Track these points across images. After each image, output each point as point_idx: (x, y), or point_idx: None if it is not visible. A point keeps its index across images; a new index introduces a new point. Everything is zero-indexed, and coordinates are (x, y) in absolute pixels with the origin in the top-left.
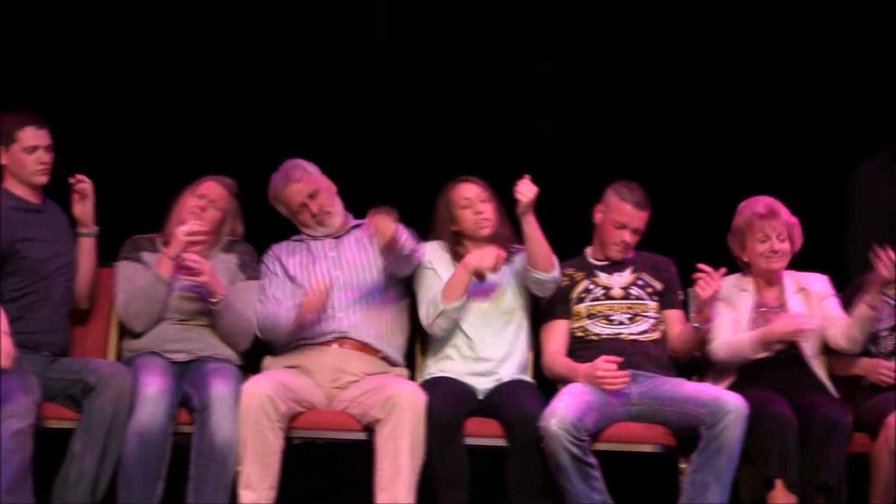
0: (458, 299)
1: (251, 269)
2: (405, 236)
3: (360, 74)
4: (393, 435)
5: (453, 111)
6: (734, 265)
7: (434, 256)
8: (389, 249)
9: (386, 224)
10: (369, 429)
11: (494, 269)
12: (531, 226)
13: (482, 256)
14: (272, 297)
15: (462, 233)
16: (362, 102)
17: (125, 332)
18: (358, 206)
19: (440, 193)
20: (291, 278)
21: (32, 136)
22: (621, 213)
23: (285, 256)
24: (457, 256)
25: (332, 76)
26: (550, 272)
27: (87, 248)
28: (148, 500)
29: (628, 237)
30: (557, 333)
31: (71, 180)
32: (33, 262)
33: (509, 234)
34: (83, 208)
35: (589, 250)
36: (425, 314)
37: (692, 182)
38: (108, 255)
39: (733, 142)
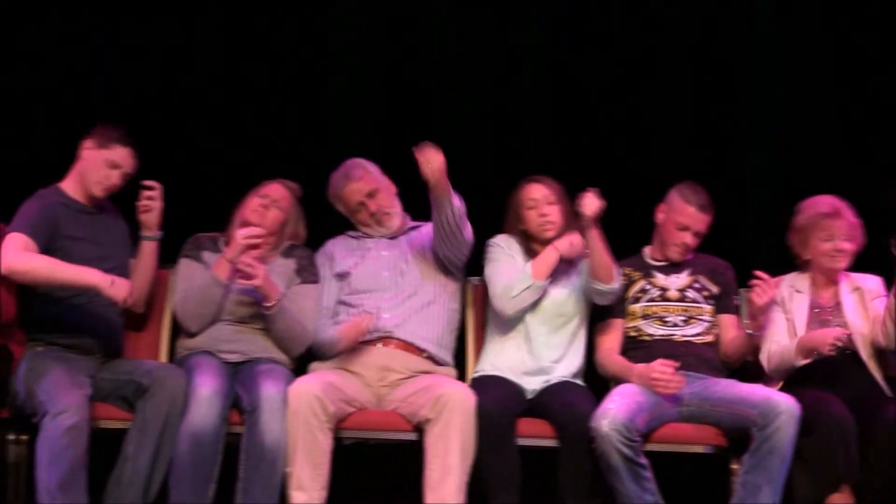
0: (545, 279)
1: (308, 273)
2: (456, 197)
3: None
4: (443, 435)
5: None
6: (785, 267)
7: (508, 245)
8: (437, 185)
9: (435, 156)
10: (419, 429)
11: (578, 256)
12: (595, 239)
13: (571, 244)
14: (325, 311)
15: (528, 233)
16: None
17: (180, 331)
18: None
19: (512, 191)
20: (340, 275)
21: (122, 157)
22: (684, 215)
23: (337, 252)
24: (529, 252)
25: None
26: (611, 284)
27: (148, 252)
28: (199, 500)
29: (689, 239)
30: (612, 332)
31: (143, 183)
32: (79, 261)
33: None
34: (150, 212)
35: (647, 250)
36: (505, 287)
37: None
38: (163, 257)
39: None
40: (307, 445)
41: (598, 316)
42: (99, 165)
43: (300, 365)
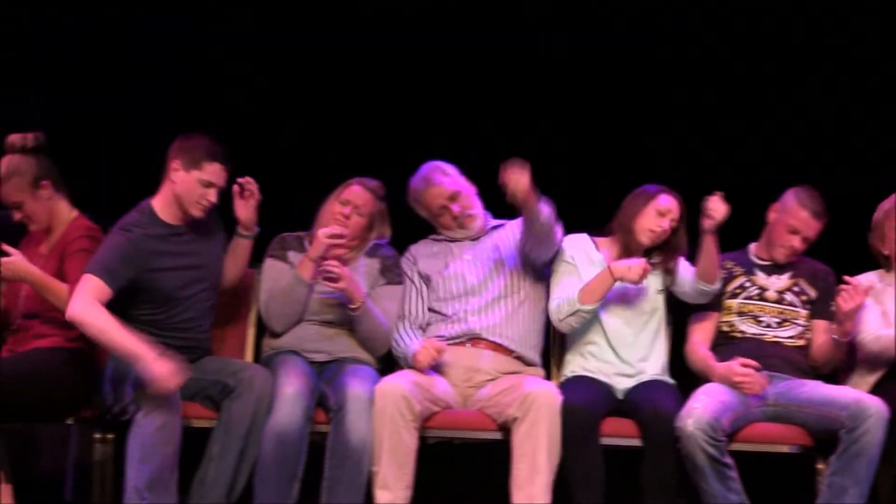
0: (596, 303)
1: (392, 273)
2: (544, 205)
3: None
4: (530, 434)
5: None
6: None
7: (575, 251)
8: (525, 204)
9: (520, 177)
10: (505, 428)
11: (637, 282)
12: (712, 243)
13: (629, 268)
14: (408, 315)
15: (636, 226)
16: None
17: (266, 331)
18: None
19: (631, 190)
20: (426, 279)
21: (215, 174)
22: (797, 219)
23: (422, 258)
24: (625, 251)
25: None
26: (714, 285)
27: (241, 248)
28: (284, 500)
29: (798, 244)
30: (705, 325)
31: (239, 181)
32: (167, 290)
33: (671, 266)
34: (247, 210)
35: (753, 247)
36: (556, 309)
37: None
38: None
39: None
40: (393, 444)
41: (693, 307)
42: (193, 187)
43: (389, 362)
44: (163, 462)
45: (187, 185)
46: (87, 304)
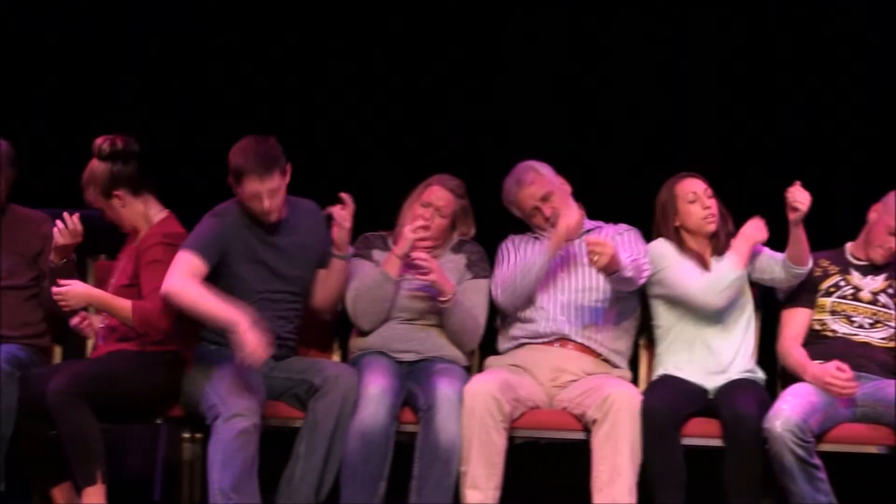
0: (745, 268)
1: (479, 268)
2: (626, 261)
3: None
4: (610, 435)
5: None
6: None
7: (665, 251)
8: (609, 274)
9: (604, 250)
10: (588, 429)
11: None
12: (800, 232)
13: (757, 228)
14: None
15: (684, 227)
16: None
17: (352, 331)
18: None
19: (660, 190)
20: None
21: (254, 185)
22: None
23: (520, 249)
24: (682, 249)
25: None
26: (807, 265)
27: (338, 269)
28: (370, 499)
29: None
30: (797, 321)
31: (340, 197)
32: (244, 284)
33: (731, 230)
34: (341, 231)
35: (849, 246)
36: (709, 288)
37: None
38: None
39: None
40: (482, 444)
41: (785, 302)
42: (245, 200)
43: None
44: (244, 464)
45: (243, 201)
46: (180, 278)
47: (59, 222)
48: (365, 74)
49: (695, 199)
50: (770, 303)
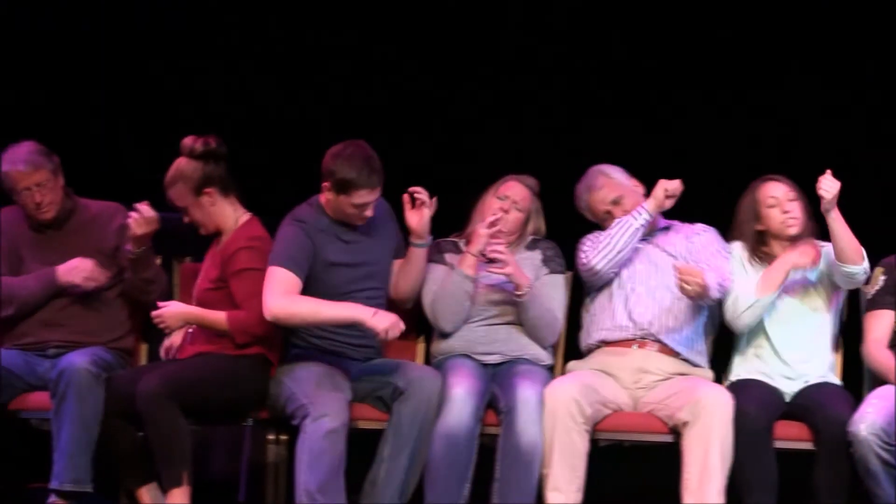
0: (773, 292)
1: (555, 263)
2: (714, 283)
3: None
4: (701, 438)
5: None
6: None
7: (740, 253)
8: (700, 300)
9: (694, 279)
10: (675, 431)
11: (811, 265)
12: (836, 221)
13: (802, 253)
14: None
15: (768, 232)
16: None
17: (434, 336)
18: None
19: (743, 192)
20: None
21: (365, 197)
22: None
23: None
24: (758, 256)
25: None
26: (860, 264)
27: (416, 257)
28: (454, 500)
29: None
30: (881, 323)
31: (410, 190)
32: (332, 286)
33: (814, 232)
34: (419, 219)
35: None
36: (731, 305)
37: None
38: None
39: None
40: (564, 447)
41: (868, 306)
42: (346, 208)
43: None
44: (331, 465)
45: (340, 206)
46: (282, 298)
47: (132, 213)
48: (427, 77)
49: (775, 203)
50: (853, 308)
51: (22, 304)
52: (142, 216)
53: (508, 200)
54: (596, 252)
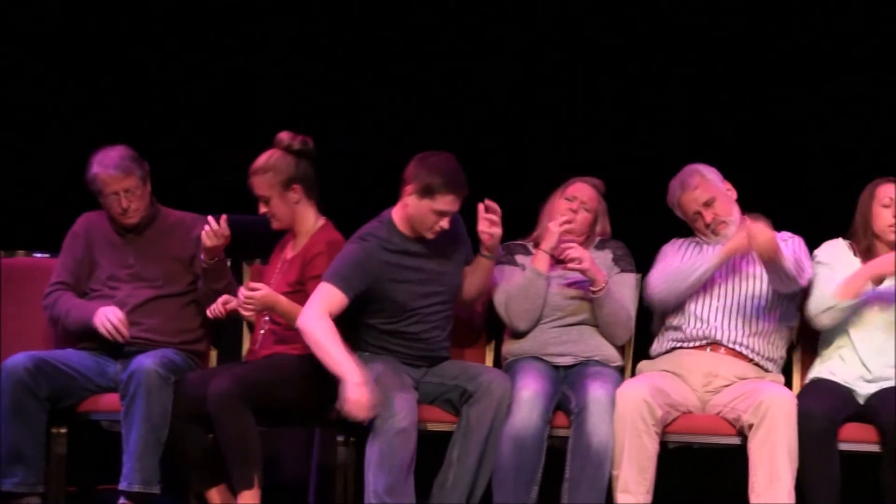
0: (853, 298)
1: (625, 262)
2: (787, 252)
3: None
4: (766, 440)
5: None
6: None
7: (831, 254)
8: (768, 260)
9: (762, 232)
10: (743, 434)
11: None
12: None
13: (886, 264)
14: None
15: (873, 231)
16: None
17: (505, 337)
18: None
19: (864, 189)
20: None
21: (449, 204)
22: None
23: (680, 250)
24: (865, 253)
25: None
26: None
27: (482, 269)
28: (522, 502)
29: None
30: None
31: (486, 204)
32: (400, 301)
33: None
34: (491, 235)
35: None
36: (813, 305)
37: None
38: None
39: None
40: (633, 448)
41: None
42: (426, 215)
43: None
44: (401, 467)
45: (420, 211)
46: (314, 314)
47: (206, 226)
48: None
49: (889, 203)
50: None
51: (64, 328)
52: (213, 230)
53: (577, 201)
54: (660, 283)
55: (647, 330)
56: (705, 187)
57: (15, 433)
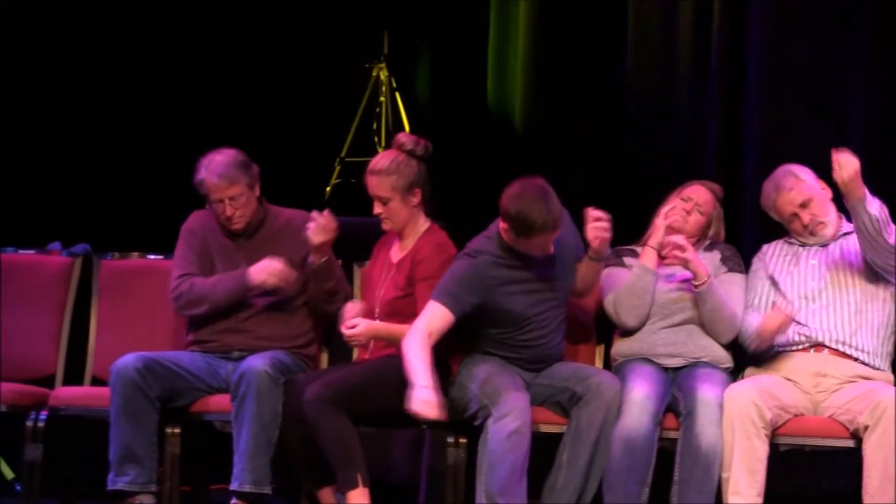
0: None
1: (734, 263)
2: (872, 204)
3: None
4: (881, 443)
5: None
6: None
7: None
8: (848, 192)
9: (848, 161)
10: (857, 436)
11: None
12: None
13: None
14: (754, 308)
15: None
16: None
17: (615, 339)
18: None
19: None
20: (772, 280)
21: (543, 240)
22: None
23: (771, 258)
24: None
25: None
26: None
27: (590, 271)
28: (633, 503)
29: None
30: None
31: (589, 211)
32: (514, 313)
33: None
34: (600, 241)
35: None
36: None
37: None
38: None
39: None
40: (743, 451)
41: None
42: (524, 248)
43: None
44: (513, 468)
45: (518, 245)
46: (416, 333)
47: (311, 221)
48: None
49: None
50: None
51: (214, 305)
52: (319, 224)
53: (691, 203)
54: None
55: None
56: (800, 188)
57: (126, 433)
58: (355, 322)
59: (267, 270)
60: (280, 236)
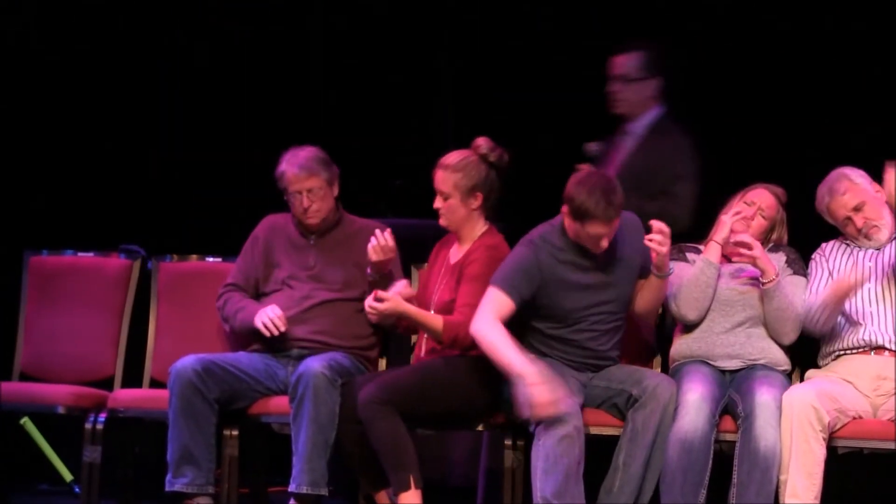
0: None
1: (798, 266)
2: None
3: None
4: None
5: None
6: None
7: None
8: None
9: None
10: None
11: None
12: None
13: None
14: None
15: None
16: None
17: (675, 337)
18: None
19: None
20: (831, 276)
21: (599, 229)
22: None
23: (831, 252)
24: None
25: None
26: None
27: (654, 286)
28: None
29: None
30: None
31: (653, 225)
32: (566, 308)
33: None
34: (657, 255)
35: None
36: None
37: None
38: None
39: None
40: (801, 454)
41: None
42: (581, 235)
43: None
44: (567, 472)
45: (575, 232)
46: (485, 319)
47: (373, 239)
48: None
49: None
50: None
51: (232, 328)
52: (379, 244)
53: (755, 206)
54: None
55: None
56: (854, 192)
57: (185, 434)
58: (385, 295)
59: (266, 314)
60: (352, 241)
